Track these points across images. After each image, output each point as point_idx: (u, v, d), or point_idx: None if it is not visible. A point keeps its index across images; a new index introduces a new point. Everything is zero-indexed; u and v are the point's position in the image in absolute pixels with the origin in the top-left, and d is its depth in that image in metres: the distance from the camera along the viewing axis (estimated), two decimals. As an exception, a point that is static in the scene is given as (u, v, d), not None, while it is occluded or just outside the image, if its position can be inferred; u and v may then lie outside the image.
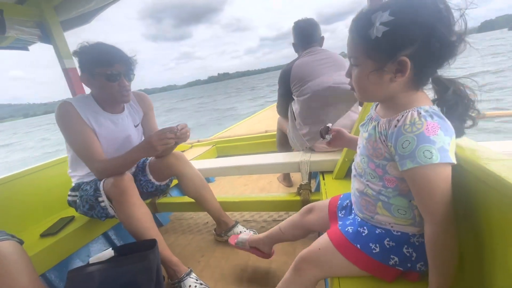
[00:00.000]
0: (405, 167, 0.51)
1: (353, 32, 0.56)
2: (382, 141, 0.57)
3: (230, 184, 2.22)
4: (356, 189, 0.69)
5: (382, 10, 0.50)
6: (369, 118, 0.67)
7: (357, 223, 0.68)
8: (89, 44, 1.08)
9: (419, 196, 0.52)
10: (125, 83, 1.11)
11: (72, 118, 1.10)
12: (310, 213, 0.92)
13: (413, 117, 0.51)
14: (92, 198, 1.14)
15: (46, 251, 1.17)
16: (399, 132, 0.52)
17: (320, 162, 1.35)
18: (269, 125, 2.80)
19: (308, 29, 1.50)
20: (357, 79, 0.58)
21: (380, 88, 0.56)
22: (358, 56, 0.56)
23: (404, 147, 0.50)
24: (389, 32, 0.49)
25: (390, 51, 0.51)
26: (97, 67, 1.06)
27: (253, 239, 1.09)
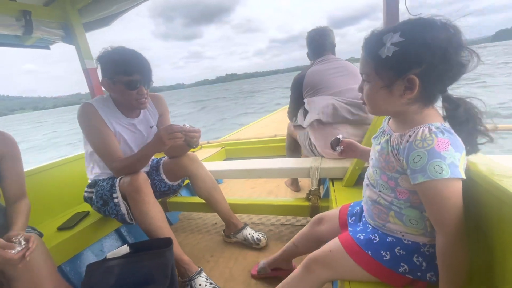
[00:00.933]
0: (416, 181, 0.53)
1: (365, 50, 0.60)
2: (394, 155, 0.60)
3: (238, 186, 2.25)
4: (368, 197, 0.71)
5: (393, 32, 0.53)
6: (382, 131, 0.70)
7: (369, 231, 0.71)
8: (111, 49, 1.11)
9: (431, 209, 0.55)
10: (143, 91, 1.14)
11: (93, 119, 1.15)
12: (320, 223, 0.94)
13: (424, 133, 0.53)
14: (107, 193, 1.18)
15: (62, 244, 1.22)
16: (410, 147, 0.54)
17: (330, 169, 1.37)
18: (278, 129, 2.82)
19: (319, 39, 1.54)
20: (368, 95, 0.62)
21: (389, 103, 0.59)
22: (370, 73, 0.59)
23: (416, 161, 0.53)
24: (399, 52, 0.53)
25: (400, 70, 0.54)
26: (117, 74, 1.10)
27: (272, 261, 1.11)
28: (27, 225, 0.97)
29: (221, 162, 1.83)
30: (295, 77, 1.57)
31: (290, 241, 1.04)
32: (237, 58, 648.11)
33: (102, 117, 1.16)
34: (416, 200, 0.60)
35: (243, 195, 2.10)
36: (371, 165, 0.71)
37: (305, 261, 0.75)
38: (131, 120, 1.27)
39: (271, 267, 1.12)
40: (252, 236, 1.37)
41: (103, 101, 1.21)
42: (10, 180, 0.98)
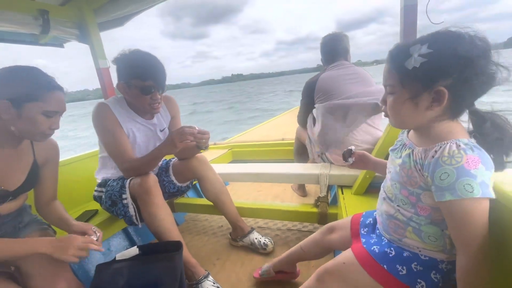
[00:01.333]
0: (443, 198, 0.52)
1: (390, 62, 0.59)
2: (417, 170, 0.58)
3: (243, 189, 2.25)
4: (384, 211, 0.70)
5: (420, 43, 0.53)
6: (402, 143, 0.68)
7: (384, 243, 0.69)
8: (128, 53, 1.12)
9: (455, 228, 0.53)
10: (157, 96, 1.15)
11: (107, 119, 1.16)
12: (331, 232, 0.93)
13: (452, 149, 0.52)
14: (117, 194, 1.19)
15: None
16: (437, 164, 0.53)
17: (340, 176, 1.36)
18: (286, 133, 2.82)
19: (332, 44, 1.53)
20: (392, 107, 0.61)
21: (415, 116, 0.58)
22: (394, 84, 0.58)
23: (443, 179, 0.52)
24: (427, 63, 0.52)
25: (427, 81, 0.53)
26: (132, 78, 1.11)
27: (275, 263, 1.10)
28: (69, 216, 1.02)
29: (229, 165, 1.84)
30: (307, 82, 1.56)
31: (297, 245, 1.04)
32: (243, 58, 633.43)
33: (116, 118, 1.17)
34: (438, 217, 0.58)
35: (249, 198, 2.09)
36: (389, 178, 0.69)
37: (318, 272, 0.75)
38: (144, 122, 1.28)
39: (275, 269, 1.11)
40: (259, 240, 1.37)
41: (117, 102, 1.22)
42: (49, 184, 1.02)
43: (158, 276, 0.90)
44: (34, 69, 0.82)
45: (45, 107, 0.80)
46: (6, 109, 0.76)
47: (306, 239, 1.01)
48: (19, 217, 0.95)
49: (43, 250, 0.75)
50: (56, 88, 0.83)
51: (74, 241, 0.79)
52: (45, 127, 0.82)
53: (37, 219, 1.02)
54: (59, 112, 0.85)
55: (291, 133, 2.73)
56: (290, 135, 2.55)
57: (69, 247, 0.77)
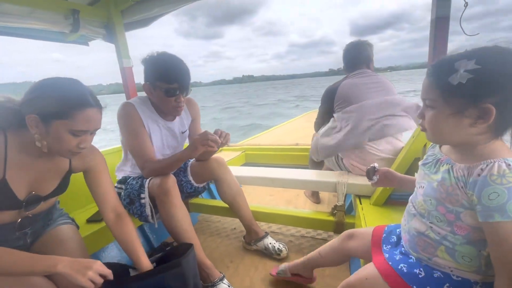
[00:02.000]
0: (491, 219, 0.50)
1: (433, 75, 0.57)
2: (460, 188, 0.56)
3: (256, 193, 2.25)
4: (413, 228, 0.68)
5: (467, 58, 0.51)
6: (435, 158, 0.66)
7: (411, 262, 0.67)
8: (156, 55, 1.15)
9: (500, 250, 0.51)
10: (181, 99, 1.18)
11: (132, 119, 1.19)
12: (351, 239, 0.92)
13: (502, 168, 0.50)
14: (135, 193, 1.22)
15: (91, 236, 1.25)
16: (485, 182, 0.51)
17: (358, 186, 1.35)
18: (300, 138, 2.81)
19: (355, 52, 1.52)
20: (432, 121, 0.59)
21: (457, 132, 0.56)
22: (436, 99, 0.57)
23: (492, 199, 0.50)
24: (473, 80, 0.50)
25: (473, 98, 0.52)
26: (158, 80, 1.13)
27: (293, 266, 1.11)
28: (140, 244, 0.96)
29: (243, 168, 1.84)
30: (327, 89, 1.56)
31: (315, 250, 1.03)
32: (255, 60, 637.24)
33: (140, 117, 1.20)
34: (476, 237, 0.56)
35: (261, 202, 2.09)
36: (421, 193, 0.67)
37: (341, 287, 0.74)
38: (167, 123, 1.30)
39: (291, 271, 1.11)
40: (273, 246, 1.37)
41: (142, 102, 1.25)
42: (100, 192, 0.98)
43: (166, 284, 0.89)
44: (72, 82, 0.77)
45: (73, 126, 0.74)
46: (34, 124, 0.73)
47: (325, 245, 1.01)
48: (49, 215, 0.97)
49: (63, 270, 0.71)
50: (88, 106, 0.75)
51: (94, 265, 0.75)
52: (72, 146, 0.77)
53: (63, 213, 1.05)
54: (88, 131, 0.79)
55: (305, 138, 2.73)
56: (304, 140, 2.54)
57: (89, 271, 0.73)
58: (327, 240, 1.49)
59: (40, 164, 0.82)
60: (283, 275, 1.14)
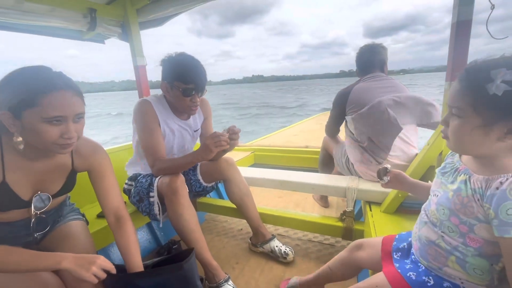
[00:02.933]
0: (507, 234, 0.48)
1: (465, 82, 0.54)
2: (476, 200, 0.54)
3: (264, 194, 2.24)
4: (424, 236, 0.66)
5: (507, 68, 0.47)
6: (454, 167, 0.64)
7: (421, 271, 0.66)
8: (175, 56, 1.18)
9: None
10: (196, 99, 1.20)
11: (148, 116, 1.21)
12: (359, 249, 0.90)
13: None
14: (144, 191, 1.23)
15: (101, 232, 1.27)
16: (503, 196, 0.49)
17: (368, 192, 1.32)
18: (309, 140, 2.78)
19: (368, 55, 1.49)
20: (457, 131, 0.56)
21: (482, 145, 0.53)
22: (465, 108, 0.53)
23: (510, 214, 0.48)
24: (510, 92, 0.47)
25: (507, 112, 0.49)
26: (175, 80, 1.16)
27: (304, 282, 1.08)
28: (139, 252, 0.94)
29: (252, 169, 1.84)
30: (339, 92, 1.53)
31: (325, 265, 1.01)
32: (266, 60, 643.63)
33: (156, 115, 1.22)
34: (489, 251, 0.54)
35: (269, 203, 2.08)
36: (434, 201, 0.65)
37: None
38: (181, 121, 1.33)
39: (302, 286, 1.09)
40: (279, 249, 1.35)
41: (158, 100, 1.27)
42: (103, 192, 0.94)
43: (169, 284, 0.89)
44: (37, 69, 0.70)
45: (43, 113, 0.66)
46: (8, 121, 0.67)
47: (333, 258, 0.98)
48: (59, 211, 0.99)
49: (67, 266, 0.72)
50: (55, 89, 0.67)
51: (98, 260, 0.75)
52: (54, 137, 0.69)
53: (73, 208, 1.07)
54: (65, 117, 0.69)
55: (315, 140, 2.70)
56: (314, 143, 2.52)
57: (92, 266, 0.73)
58: (334, 245, 1.47)
59: (40, 165, 0.81)
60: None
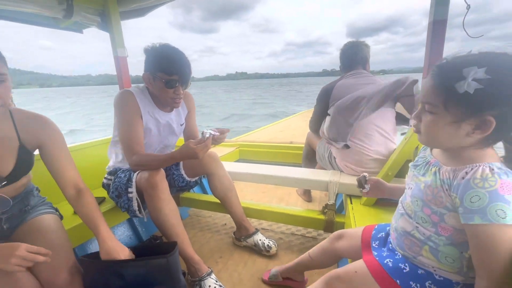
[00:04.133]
0: (471, 221, 0.51)
1: (436, 79, 0.54)
2: (444, 190, 0.57)
3: (248, 189, 2.25)
4: (401, 227, 0.69)
5: (478, 66, 0.48)
6: (425, 161, 0.67)
7: (398, 258, 0.69)
8: (159, 46, 1.14)
9: (480, 252, 0.52)
10: (180, 91, 1.17)
11: (129, 107, 1.17)
12: (340, 239, 0.92)
13: (485, 173, 0.51)
14: (123, 186, 1.20)
15: (77, 228, 1.23)
16: (467, 186, 0.52)
17: (349, 185, 1.36)
18: (294, 136, 2.81)
19: (351, 52, 1.52)
20: (429, 127, 0.58)
21: (451, 139, 0.55)
22: (437, 104, 0.55)
23: (473, 201, 0.50)
24: (481, 90, 0.48)
25: (476, 109, 0.50)
26: (159, 71, 1.12)
27: (284, 270, 1.11)
28: (103, 218, 0.94)
29: (237, 164, 1.83)
30: (323, 88, 1.56)
31: (306, 253, 1.03)
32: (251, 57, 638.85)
33: (139, 107, 1.19)
34: (459, 239, 0.57)
35: (253, 198, 2.09)
36: (409, 194, 0.68)
37: (327, 277, 0.74)
38: (164, 114, 1.29)
39: (283, 275, 1.12)
40: (263, 242, 1.37)
41: (141, 91, 1.24)
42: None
43: (152, 278, 0.89)
44: None
45: None
46: None
47: (314, 247, 1.01)
48: (25, 200, 0.95)
49: None
50: None
51: (17, 250, 0.70)
52: None
53: (45, 202, 1.02)
54: None
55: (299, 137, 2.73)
56: (298, 139, 2.55)
57: (11, 257, 0.69)
58: (316, 238, 1.50)
59: None
60: (274, 279, 1.14)
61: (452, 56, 0.55)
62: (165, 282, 0.92)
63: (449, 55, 0.56)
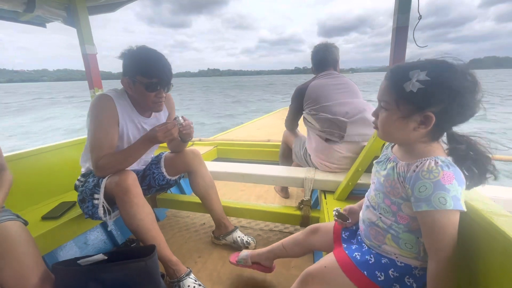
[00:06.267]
0: (419, 208, 0.58)
1: (390, 80, 0.63)
2: (400, 182, 0.64)
3: (227, 188, 2.26)
4: (367, 218, 0.75)
5: (420, 69, 0.57)
6: (386, 157, 0.74)
7: (364, 250, 0.75)
8: (136, 49, 1.10)
9: (429, 236, 0.59)
10: (162, 94, 1.14)
11: (106, 113, 1.12)
12: (315, 233, 0.97)
13: (431, 165, 0.58)
14: (88, 192, 1.15)
15: (47, 234, 1.17)
16: (417, 177, 0.59)
17: (323, 181, 1.42)
18: (271, 134, 2.86)
19: (322, 54, 1.59)
20: (384, 122, 0.66)
21: (402, 133, 0.64)
22: (390, 102, 0.63)
23: (421, 191, 0.58)
24: (422, 90, 0.57)
25: (419, 106, 0.59)
26: (138, 75, 1.09)
27: (254, 255, 1.13)
28: (6, 196, 0.93)
29: (215, 163, 1.84)
30: (297, 88, 1.61)
31: (279, 242, 1.07)
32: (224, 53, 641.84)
33: (117, 113, 1.13)
34: (415, 226, 0.64)
35: (232, 196, 2.11)
36: (373, 188, 0.75)
37: (302, 276, 0.78)
38: (144, 119, 1.25)
39: (253, 260, 1.13)
40: (241, 239, 1.39)
41: (120, 95, 1.18)
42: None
43: (131, 281, 0.88)
44: None
45: None
46: None
47: (288, 237, 1.05)
48: None
49: None
50: None
51: None
52: None
53: (4, 209, 0.97)
54: None
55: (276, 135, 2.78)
56: (275, 137, 2.60)
57: None
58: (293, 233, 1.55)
59: None
60: (243, 263, 1.14)
61: (404, 62, 0.64)
62: (145, 285, 0.92)
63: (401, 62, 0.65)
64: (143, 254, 0.93)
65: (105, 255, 0.93)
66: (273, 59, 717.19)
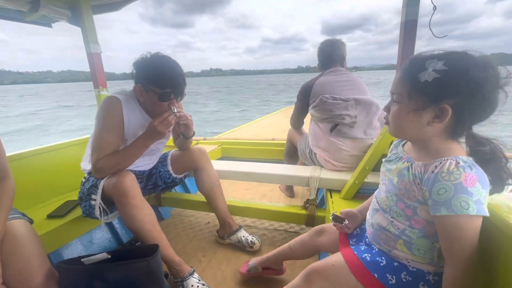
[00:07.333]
0: (438, 213, 0.54)
1: (404, 71, 0.59)
2: (416, 184, 0.60)
3: (232, 187, 2.24)
4: (376, 223, 0.72)
5: (438, 59, 0.53)
6: (398, 156, 0.70)
7: (375, 252, 0.71)
8: (149, 57, 1.08)
9: (447, 241, 0.55)
10: (175, 104, 1.12)
11: (113, 116, 1.10)
12: (321, 235, 0.95)
13: (451, 166, 0.54)
14: (86, 191, 1.15)
15: (52, 233, 1.18)
16: (436, 179, 0.54)
17: (329, 180, 1.39)
18: (276, 133, 2.83)
19: (329, 50, 1.56)
20: (395, 115, 0.62)
21: (415, 128, 0.59)
22: (402, 93, 0.59)
23: (440, 194, 0.53)
24: (439, 80, 0.53)
25: (435, 97, 0.54)
26: (152, 85, 1.07)
27: (263, 260, 1.11)
28: (11, 209, 0.91)
29: (221, 162, 1.82)
30: (303, 85, 1.58)
31: (286, 244, 1.05)
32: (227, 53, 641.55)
33: (123, 116, 1.12)
34: (431, 231, 0.60)
35: (236, 195, 2.10)
36: (383, 189, 0.71)
37: (306, 271, 0.75)
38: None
39: (262, 265, 1.13)
40: (246, 238, 1.38)
41: (129, 98, 1.16)
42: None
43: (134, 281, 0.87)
44: None
45: None
46: None
47: (295, 239, 1.03)
48: None
49: None
50: None
51: None
52: None
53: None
54: None
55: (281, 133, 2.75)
56: (280, 135, 2.57)
57: None
58: (299, 232, 1.53)
59: None
60: (254, 271, 1.13)
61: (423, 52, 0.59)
62: (148, 284, 0.91)
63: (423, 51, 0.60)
64: (147, 253, 0.93)
65: (108, 254, 0.92)
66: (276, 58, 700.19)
